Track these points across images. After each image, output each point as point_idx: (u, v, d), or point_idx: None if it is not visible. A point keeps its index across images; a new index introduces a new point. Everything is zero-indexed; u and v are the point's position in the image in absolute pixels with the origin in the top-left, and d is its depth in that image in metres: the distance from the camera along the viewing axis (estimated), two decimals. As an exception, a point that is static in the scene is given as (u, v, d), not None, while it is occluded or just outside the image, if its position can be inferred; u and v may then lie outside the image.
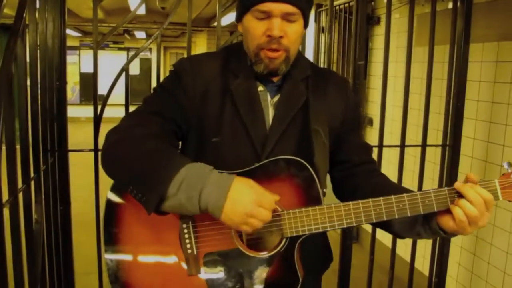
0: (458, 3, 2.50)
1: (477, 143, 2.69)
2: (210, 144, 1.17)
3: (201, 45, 10.68)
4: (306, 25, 1.20)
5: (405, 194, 1.03)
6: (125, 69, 2.10)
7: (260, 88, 1.22)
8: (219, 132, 1.16)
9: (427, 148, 2.58)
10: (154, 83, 12.35)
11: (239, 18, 1.22)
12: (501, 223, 2.53)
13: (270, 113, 1.20)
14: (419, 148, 2.57)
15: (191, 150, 1.20)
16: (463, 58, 2.53)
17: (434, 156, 2.94)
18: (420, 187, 2.58)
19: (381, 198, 1.03)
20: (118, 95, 2.22)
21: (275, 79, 1.23)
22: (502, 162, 2.48)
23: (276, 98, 1.22)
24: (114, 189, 1.12)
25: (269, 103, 1.21)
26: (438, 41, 2.49)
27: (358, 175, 1.26)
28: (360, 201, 1.04)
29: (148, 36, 10.57)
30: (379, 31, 3.86)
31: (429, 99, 2.52)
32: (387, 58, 2.43)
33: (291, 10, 1.12)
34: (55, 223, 1.95)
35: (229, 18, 7.40)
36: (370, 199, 1.04)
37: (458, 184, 1.04)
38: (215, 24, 8.48)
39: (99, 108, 2.11)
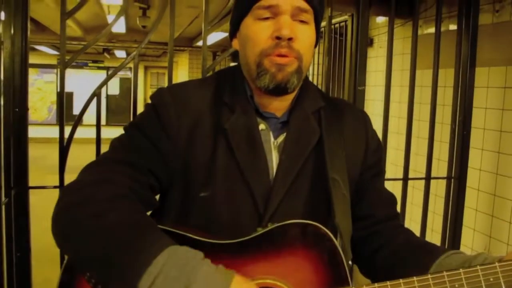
0: (463, 25, 2.32)
1: (484, 175, 2.48)
2: (198, 200, 0.90)
3: (183, 65, 10.44)
4: (317, 34, 0.96)
5: (461, 270, 0.77)
6: (96, 93, 1.83)
7: (262, 126, 0.96)
8: (210, 184, 0.90)
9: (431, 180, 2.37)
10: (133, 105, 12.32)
11: (235, 29, 0.98)
12: None
13: (274, 159, 0.95)
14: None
15: (173, 208, 0.93)
16: (469, 83, 2.34)
17: (436, 187, 2.72)
18: (423, 222, 2.35)
19: (429, 276, 0.77)
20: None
21: (278, 114, 0.98)
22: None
23: (281, 138, 0.96)
24: (67, 271, 0.83)
25: (272, 145, 0.95)
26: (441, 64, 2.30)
27: (382, 233, 1.01)
28: (401, 280, 0.76)
29: (129, 55, 10.29)
30: (372, 53, 3.67)
31: (434, 127, 2.31)
32: (389, 82, 2.21)
33: (303, 5, 0.89)
34: (9, 274, 1.64)
35: (213, 37, 7.22)
36: (414, 278, 0.76)
37: None
38: (198, 43, 8.36)
39: (68, 133, 1.82)
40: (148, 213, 0.90)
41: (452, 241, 2.46)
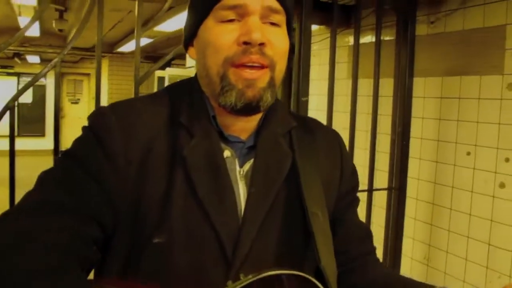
0: (402, 35, 2.33)
1: (423, 184, 2.50)
2: (150, 247, 0.73)
3: (103, 72, 9.88)
4: (290, 40, 0.82)
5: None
6: (10, 107, 1.57)
7: (227, 152, 0.80)
8: (166, 228, 0.73)
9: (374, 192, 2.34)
10: (49, 114, 11.31)
11: (191, 35, 0.82)
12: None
13: (241, 192, 0.79)
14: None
15: (118, 259, 0.75)
16: (408, 93, 2.35)
17: (376, 198, 2.70)
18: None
19: None
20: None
21: (243, 136, 0.82)
22: (452, 205, 2.32)
23: (247, 166, 0.81)
24: None
25: (238, 175, 0.80)
26: (370, 74, 2.28)
27: (358, 270, 0.89)
28: None
29: (43, 61, 9.58)
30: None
31: (375, 137, 2.28)
32: (332, 91, 2.14)
33: (275, 5, 0.76)
34: None
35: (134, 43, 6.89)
36: None
37: None
38: (120, 49, 7.96)
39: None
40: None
41: (394, 252, 2.45)
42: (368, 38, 2.77)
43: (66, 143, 1.77)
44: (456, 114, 2.27)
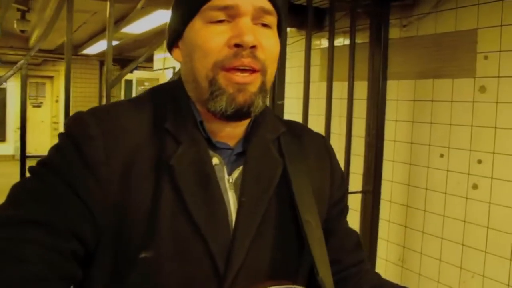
0: (375, 38, 2.34)
1: (396, 186, 2.52)
2: (137, 263, 0.68)
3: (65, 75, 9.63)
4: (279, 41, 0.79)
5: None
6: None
7: (215, 160, 0.76)
8: (153, 242, 0.68)
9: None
10: (10, 118, 10.93)
11: (176, 36, 0.77)
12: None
13: (231, 201, 0.75)
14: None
15: (102, 277, 0.69)
16: (382, 96, 2.36)
17: (350, 201, 2.70)
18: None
19: None
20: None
21: (231, 143, 0.79)
22: (425, 207, 2.34)
23: (236, 174, 0.77)
24: None
25: (227, 184, 0.76)
26: (344, 77, 2.28)
27: (350, 280, 0.87)
28: None
29: (3, 63, 9.23)
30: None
31: (350, 140, 2.28)
32: (307, 94, 2.13)
33: (267, 6, 0.72)
34: None
35: (100, 45, 6.72)
36: None
37: None
38: (84, 51, 7.76)
39: None
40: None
41: (368, 254, 2.46)
42: (340, 41, 2.78)
43: (29, 147, 1.67)
44: (429, 116, 2.30)
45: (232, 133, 0.78)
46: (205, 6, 0.71)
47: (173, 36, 0.78)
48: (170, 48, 0.80)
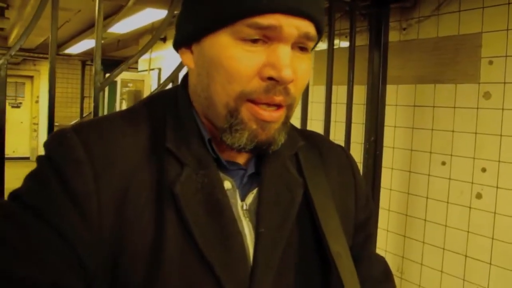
0: (374, 41, 2.25)
1: (395, 195, 2.44)
2: None
3: (46, 74, 9.37)
4: None
5: None
6: None
7: (227, 184, 0.64)
8: (157, 284, 0.56)
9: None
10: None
11: (192, 38, 0.64)
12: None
13: (246, 232, 0.64)
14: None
15: None
16: (381, 101, 2.27)
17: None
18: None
19: None
20: None
21: (241, 161, 0.67)
22: (426, 216, 2.27)
23: (250, 199, 0.66)
24: None
25: (241, 211, 0.65)
26: (339, 81, 2.19)
27: None
28: None
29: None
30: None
31: (349, 146, 2.19)
32: (306, 99, 2.03)
33: (312, 32, 0.60)
34: None
35: (83, 45, 6.52)
36: None
37: None
38: (66, 51, 7.53)
39: None
40: None
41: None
42: (335, 44, 2.69)
43: (7, 149, 1.54)
44: (430, 122, 2.22)
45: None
46: (241, 21, 0.58)
47: (186, 37, 0.65)
48: (178, 47, 0.68)
